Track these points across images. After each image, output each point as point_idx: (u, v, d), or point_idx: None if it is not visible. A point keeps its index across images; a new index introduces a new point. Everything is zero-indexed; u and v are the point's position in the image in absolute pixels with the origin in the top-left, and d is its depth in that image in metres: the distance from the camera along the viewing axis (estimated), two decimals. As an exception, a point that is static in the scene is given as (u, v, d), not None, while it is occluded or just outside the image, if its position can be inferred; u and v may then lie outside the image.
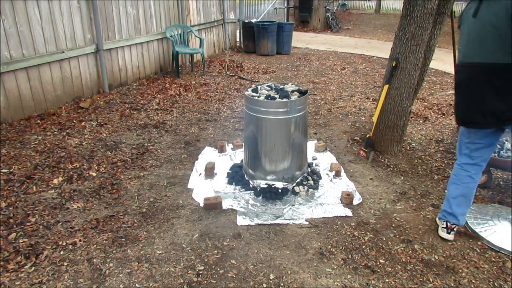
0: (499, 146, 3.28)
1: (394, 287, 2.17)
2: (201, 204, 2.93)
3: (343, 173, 3.45)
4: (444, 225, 2.56)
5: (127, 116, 4.76)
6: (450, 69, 7.37)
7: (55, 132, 4.16)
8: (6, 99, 4.20)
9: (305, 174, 3.28)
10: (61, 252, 2.38)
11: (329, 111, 5.19)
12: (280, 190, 3.05)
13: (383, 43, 11.22)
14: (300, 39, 11.56)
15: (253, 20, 10.31)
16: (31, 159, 3.52)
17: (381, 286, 2.17)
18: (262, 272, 2.26)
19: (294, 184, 3.14)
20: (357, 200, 3.03)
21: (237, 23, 10.08)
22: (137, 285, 2.14)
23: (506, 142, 3.29)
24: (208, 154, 3.79)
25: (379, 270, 2.29)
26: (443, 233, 2.57)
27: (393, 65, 3.58)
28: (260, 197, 3.02)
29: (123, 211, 2.83)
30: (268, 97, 3.03)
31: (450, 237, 2.55)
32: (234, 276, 2.22)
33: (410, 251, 2.47)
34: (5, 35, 4.08)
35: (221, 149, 3.84)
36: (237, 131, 4.43)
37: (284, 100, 2.96)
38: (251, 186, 3.16)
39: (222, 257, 2.37)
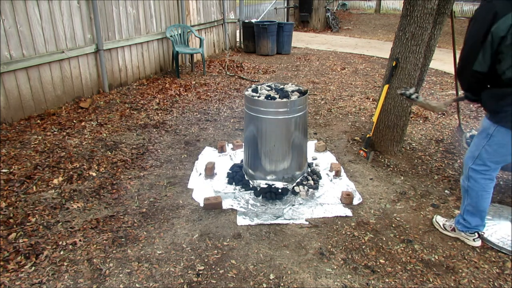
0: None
1: (394, 287, 2.17)
2: (201, 204, 2.93)
3: (343, 173, 3.45)
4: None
5: (127, 116, 4.76)
6: (450, 69, 7.37)
7: (55, 132, 4.16)
8: (6, 99, 4.20)
9: (305, 174, 3.28)
10: (61, 252, 2.38)
11: (329, 111, 5.19)
12: (280, 190, 3.05)
13: (383, 43, 11.22)
14: (300, 39, 11.56)
15: (253, 20, 10.31)
16: (31, 159, 3.53)
17: (381, 286, 2.17)
18: (262, 272, 2.26)
19: (294, 184, 3.14)
20: (357, 200, 3.03)
21: (237, 23, 10.08)
22: (137, 285, 2.14)
23: None
24: (208, 154, 3.79)
25: (379, 270, 2.29)
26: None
27: (393, 65, 3.58)
28: (260, 197, 3.02)
29: (123, 211, 2.83)
30: (268, 97, 3.03)
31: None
32: (234, 276, 2.22)
33: (410, 251, 2.47)
34: (5, 35, 4.08)
35: (221, 149, 3.84)
36: (237, 131, 4.44)
37: (284, 100, 2.96)
38: (251, 186, 3.16)
39: (222, 257, 2.37)
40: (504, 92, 2.13)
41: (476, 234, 2.51)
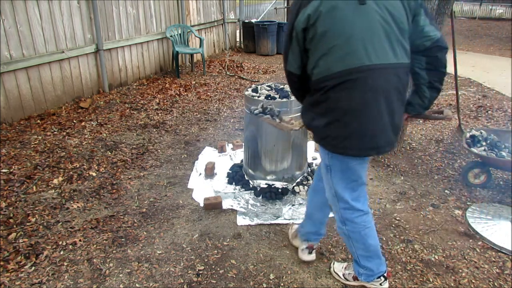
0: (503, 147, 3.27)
1: (394, 287, 2.16)
2: (201, 204, 2.93)
3: (343, 173, 3.44)
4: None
5: (127, 116, 4.76)
6: (450, 69, 7.35)
7: (55, 132, 4.16)
8: (6, 99, 4.20)
9: (305, 174, 3.28)
10: (61, 252, 2.38)
11: (329, 111, 5.18)
12: (280, 190, 3.05)
13: (383, 43, 11.21)
14: (300, 39, 11.56)
15: (253, 20, 10.31)
16: (31, 159, 3.52)
17: (381, 286, 2.17)
18: (262, 272, 2.26)
19: (294, 184, 3.14)
20: (357, 200, 3.02)
21: (237, 23, 10.08)
22: (137, 285, 2.14)
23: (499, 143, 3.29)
24: (208, 154, 3.79)
25: (379, 270, 2.29)
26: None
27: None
28: (260, 197, 3.02)
29: (123, 211, 2.83)
30: (268, 97, 3.03)
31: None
32: (234, 276, 2.22)
33: (410, 251, 2.47)
34: (5, 35, 4.08)
35: (221, 149, 3.84)
36: (237, 131, 4.44)
37: (284, 100, 2.96)
38: (251, 186, 3.16)
39: (222, 257, 2.37)
40: (311, 102, 1.79)
41: (382, 278, 2.08)
